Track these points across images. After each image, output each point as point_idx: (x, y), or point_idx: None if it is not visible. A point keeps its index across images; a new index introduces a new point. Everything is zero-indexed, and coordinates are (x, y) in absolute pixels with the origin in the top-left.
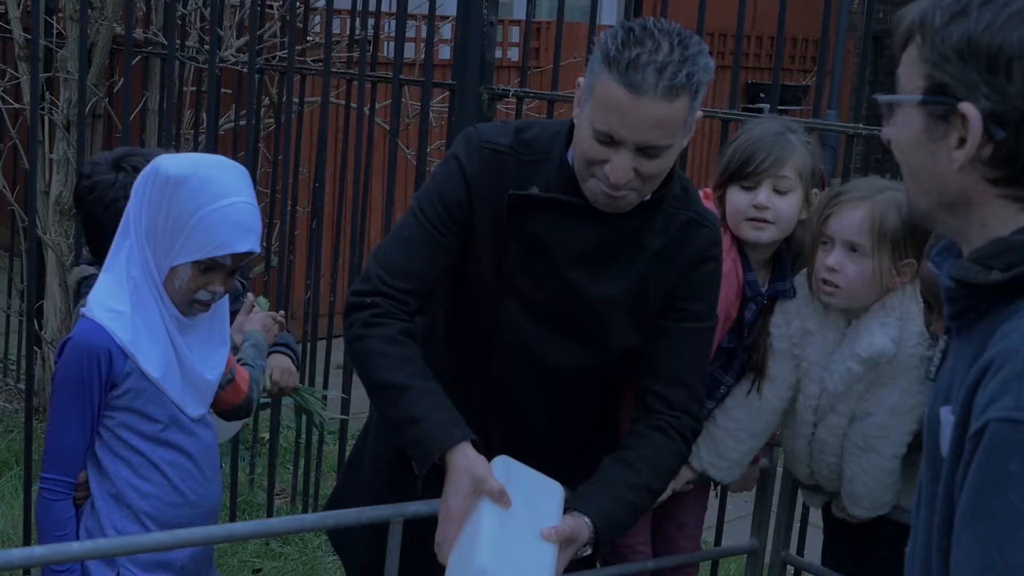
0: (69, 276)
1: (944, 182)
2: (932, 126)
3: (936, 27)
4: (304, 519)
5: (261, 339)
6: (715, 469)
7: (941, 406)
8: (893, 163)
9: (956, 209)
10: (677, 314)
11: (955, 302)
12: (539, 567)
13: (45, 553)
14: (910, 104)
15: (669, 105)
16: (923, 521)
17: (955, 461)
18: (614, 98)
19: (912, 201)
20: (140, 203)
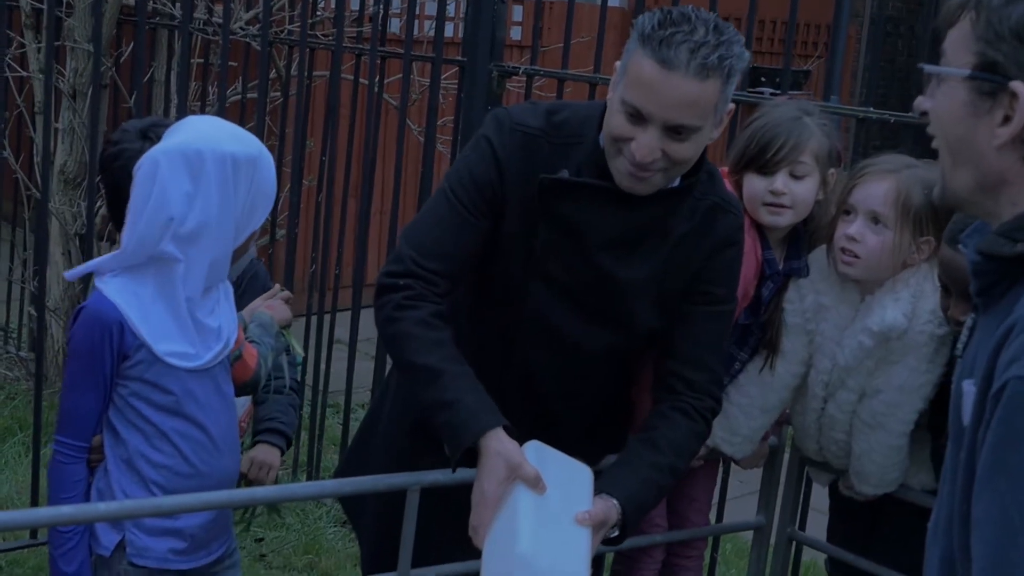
0: None
1: (981, 158)
2: (977, 101)
3: (994, 6)
4: (323, 485)
5: (268, 318)
6: (727, 444)
7: (965, 379)
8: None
9: (989, 188)
10: (700, 297)
11: (981, 276)
12: (576, 551)
13: (72, 512)
14: (956, 78)
15: (700, 84)
16: (946, 493)
17: (976, 425)
18: (645, 73)
19: (947, 179)
20: (195, 184)
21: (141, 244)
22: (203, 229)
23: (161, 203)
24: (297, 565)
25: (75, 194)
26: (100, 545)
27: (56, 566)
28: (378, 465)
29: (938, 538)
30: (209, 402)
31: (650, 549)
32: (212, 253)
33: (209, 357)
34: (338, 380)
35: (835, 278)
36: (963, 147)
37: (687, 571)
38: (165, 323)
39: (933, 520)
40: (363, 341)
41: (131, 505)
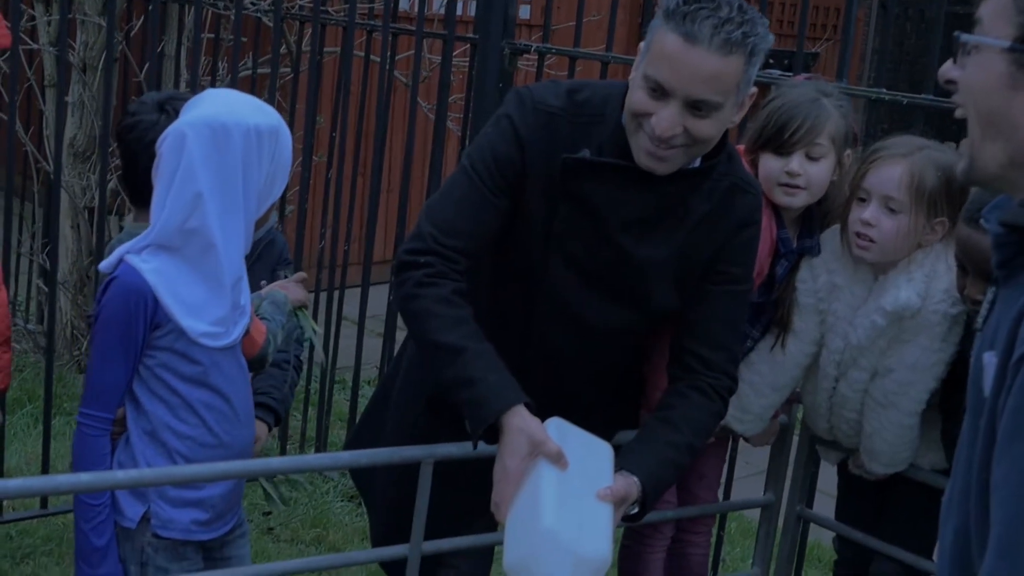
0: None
1: (1015, 131)
2: (1017, 74)
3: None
4: (338, 456)
5: (281, 297)
6: (737, 422)
7: (986, 351)
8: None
9: (1021, 162)
10: (718, 277)
11: (1003, 248)
12: (599, 526)
13: (91, 480)
14: (994, 49)
15: (722, 60)
16: (962, 464)
17: (997, 394)
18: (668, 47)
19: (976, 152)
20: (222, 157)
21: (171, 219)
22: (231, 203)
23: (188, 177)
24: (305, 539)
25: (84, 167)
26: (125, 518)
27: (87, 540)
28: (390, 439)
29: (953, 511)
30: (232, 373)
31: (660, 525)
32: (241, 226)
33: (237, 334)
34: (345, 357)
35: (848, 258)
36: (997, 120)
37: (696, 547)
38: (198, 300)
39: (948, 494)
40: (370, 318)
41: (149, 474)
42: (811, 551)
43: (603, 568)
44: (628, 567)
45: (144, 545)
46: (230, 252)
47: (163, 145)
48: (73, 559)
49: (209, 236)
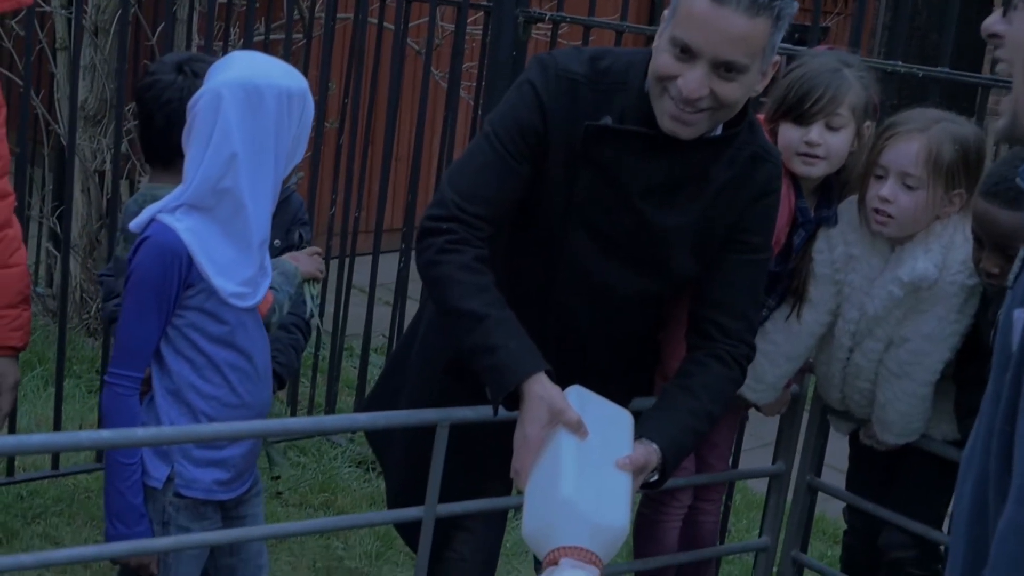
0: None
1: None
2: None
3: None
4: (355, 418)
5: (292, 269)
6: (751, 391)
7: (1016, 308)
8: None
9: None
10: (737, 245)
11: None
12: (617, 495)
13: (112, 437)
14: None
15: (749, 21)
16: (986, 418)
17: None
18: (696, 8)
19: (1020, 107)
20: (255, 119)
21: (205, 179)
22: (262, 164)
23: (224, 138)
24: (313, 503)
25: (95, 131)
26: (151, 478)
27: (123, 499)
28: (407, 401)
29: (973, 464)
30: (255, 334)
31: (677, 493)
32: (270, 187)
33: (261, 294)
34: (353, 325)
35: (865, 229)
36: None
37: (707, 515)
38: (228, 261)
39: (968, 449)
40: (379, 286)
41: (168, 431)
42: (816, 523)
43: (621, 537)
44: (644, 534)
45: (166, 504)
46: (259, 213)
47: (198, 105)
48: (84, 520)
49: (241, 197)
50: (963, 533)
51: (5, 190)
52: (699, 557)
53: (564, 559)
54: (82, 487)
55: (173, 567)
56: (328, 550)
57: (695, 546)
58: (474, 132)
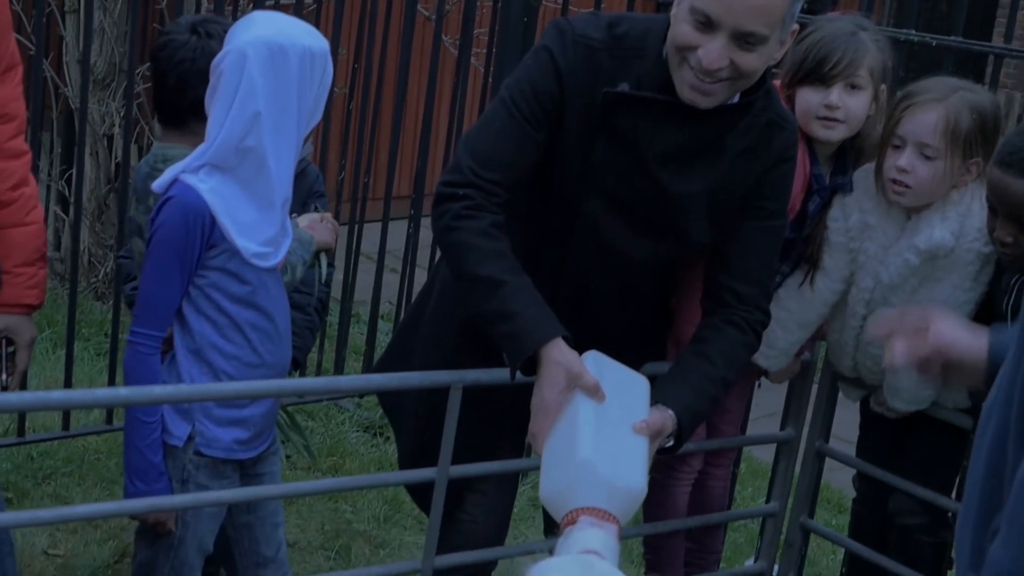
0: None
1: None
2: None
3: None
4: (369, 379)
5: (307, 237)
6: (763, 357)
7: None
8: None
9: None
10: (752, 212)
11: None
12: (634, 458)
13: (129, 394)
14: None
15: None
16: (1009, 371)
17: None
18: None
19: None
20: (278, 78)
21: (228, 138)
22: (285, 124)
23: (248, 97)
24: (321, 467)
25: (104, 94)
26: (172, 436)
27: (143, 457)
28: (420, 363)
29: (993, 417)
30: (276, 294)
31: (688, 458)
32: (292, 146)
33: (282, 254)
34: (361, 291)
35: (881, 198)
36: None
37: (716, 479)
38: (250, 221)
39: (989, 402)
40: (387, 254)
41: (186, 389)
42: (821, 493)
43: (638, 499)
44: (654, 499)
45: (186, 463)
46: (281, 172)
47: (222, 64)
48: (95, 481)
49: (263, 155)
50: (978, 486)
51: (21, 148)
52: (708, 522)
53: (583, 517)
54: (92, 448)
55: (192, 524)
56: (337, 513)
57: (704, 511)
58: (484, 99)
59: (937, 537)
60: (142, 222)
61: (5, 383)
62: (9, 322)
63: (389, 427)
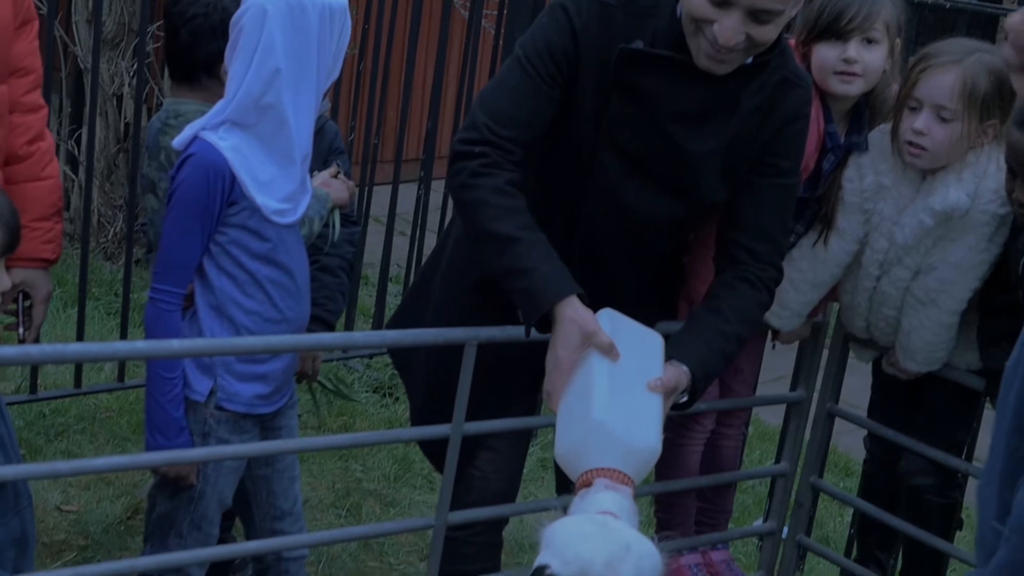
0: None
1: None
2: None
3: None
4: (384, 335)
5: (324, 194)
6: (775, 317)
7: None
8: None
9: None
10: (766, 169)
11: None
12: (648, 417)
13: (147, 348)
14: None
15: None
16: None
17: None
18: None
19: None
20: (298, 34)
21: (248, 95)
22: (304, 79)
23: (268, 53)
24: (332, 427)
25: (114, 54)
26: (194, 391)
27: (164, 412)
28: (434, 320)
29: (1020, 369)
30: (295, 250)
31: (700, 417)
32: (312, 102)
33: (301, 210)
34: (370, 254)
35: (897, 159)
36: None
37: (728, 439)
38: (270, 177)
39: (1014, 357)
40: (396, 216)
41: (202, 343)
42: (828, 455)
43: (653, 458)
44: (666, 458)
45: (207, 417)
46: (300, 128)
47: (243, 20)
48: (107, 438)
49: (283, 112)
50: (1003, 442)
51: (38, 103)
52: (719, 481)
53: (598, 479)
54: (104, 406)
55: (212, 478)
56: (347, 472)
57: (716, 471)
58: (495, 61)
59: (947, 498)
60: (154, 178)
61: (22, 336)
62: (26, 276)
63: (398, 388)
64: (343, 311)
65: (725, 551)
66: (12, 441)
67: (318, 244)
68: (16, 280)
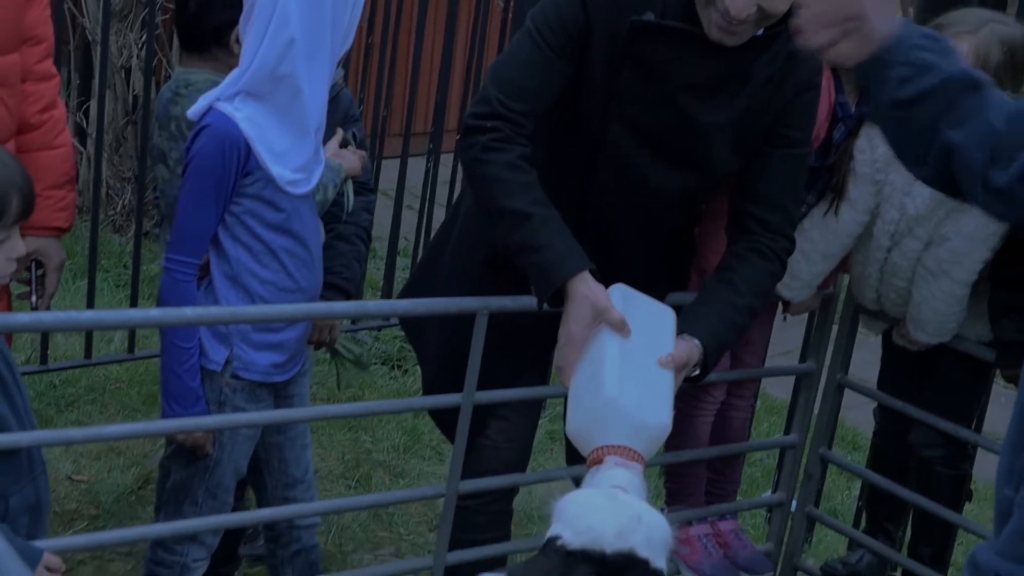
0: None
1: None
2: None
3: None
4: (396, 304)
5: (336, 164)
6: (785, 288)
7: None
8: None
9: None
10: (777, 140)
11: None
12: (660, 393)
13: (159, 316)
14: None
15: None
16: None
17: None
18: None
19: None
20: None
21: (263, 65)
22: (319, 49)
23: (283, 23)
24: (341, 399)
25: (122, 26)
26: (210, 360)
27: (181, 382)
28: (445, 290)
29: None
30: (309, 219)
31: (710, 388)
32: (326, 72)
33: (315, 180)
34: (378, 228)
35: None
36: None
37: (738, 410)
38: (285, 148)
39: None
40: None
41: (215, 311)
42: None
43: (663, 435)
44: (676, 429)
45: (223, 386)
46: (315, 98)
47: None
48: (117, 409)
49: (297, 82)
50: (1020, 412)
51: (49, 71)
52: (729, 451)
53: (609, 457)
54: (113, 377)
55: (228, 446)
56: (357, 443)
57: (725, 442)
58: (503, 34)
59: (957, 469)
60: (165, 148)
61: (35, 305)
62: (39, 245)
63: (407, 360)
64: (360, 279)
65: (734, 521)
66: (27, 410)
67: (335, 212)
68: (29, 249)
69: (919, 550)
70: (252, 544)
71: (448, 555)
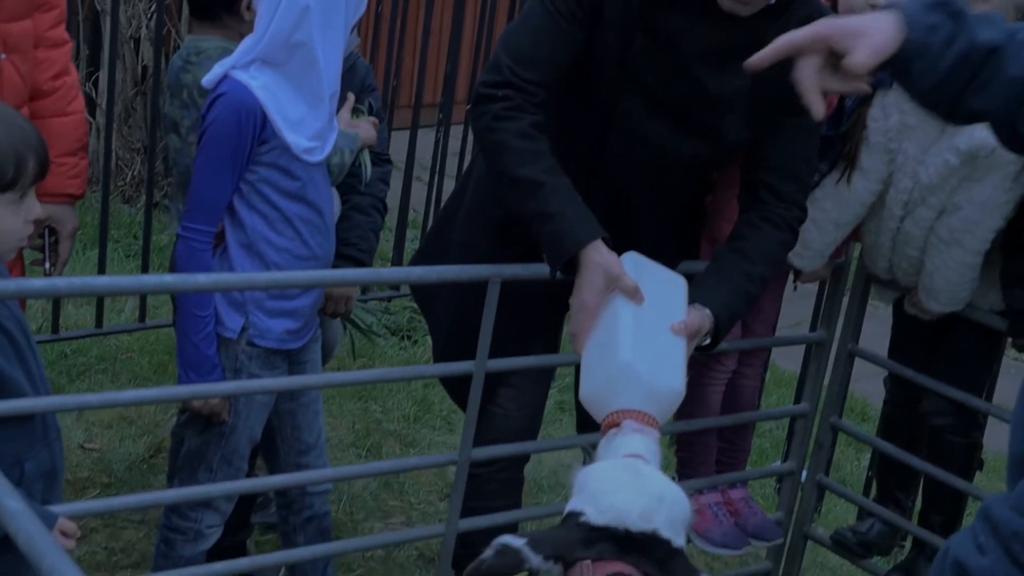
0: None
1: None
2: None
3: None
4: (410, 271)
5: (353, 133)
6: (797, 257)
7: None
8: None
9: None
10: (790, 108)
11: None
12: (673, 359)
13: (174, 281)
14: None
15: None
16: None
17: None
18: None
19: None
20: None
21: (278, 32)
22: (333, 16)
23: None
24: (351, 368)
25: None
26: (226, 328)
27: (197, 350)
28: (456, 257)
29: None
30: (323, 187)
31: (721, 357)
32: (340, 39)
33: (329, 148)
34: (389, 199)
35: None
36: None
37: (748, 379)
38: (299, 116)
39: None
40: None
41: (227, 278)
42: None
43: (677, 400)
44: (688, 398)
45: (239, 353)
46: (330, 65)
47: None
48: (128, 378)
49: (313, 50)
50: None
51: (62, 38)
52: (740, 420)
53: (626, 421)
54: (124, 347)
55: (244, 413)
56: (367, 413)
57: (735, 410)
58: (513, 3)
59: (968, 438)
60: (176, 117)
61: (48, 271)
62: (52, 212)
63: (416, 331)
64: (375, 250)
65: (744, 489)
66: (42, 376)
67: (352, 183)
68: (42, 215)
69: (930, 518)
70: (264, 512)
71: (460, 522)
